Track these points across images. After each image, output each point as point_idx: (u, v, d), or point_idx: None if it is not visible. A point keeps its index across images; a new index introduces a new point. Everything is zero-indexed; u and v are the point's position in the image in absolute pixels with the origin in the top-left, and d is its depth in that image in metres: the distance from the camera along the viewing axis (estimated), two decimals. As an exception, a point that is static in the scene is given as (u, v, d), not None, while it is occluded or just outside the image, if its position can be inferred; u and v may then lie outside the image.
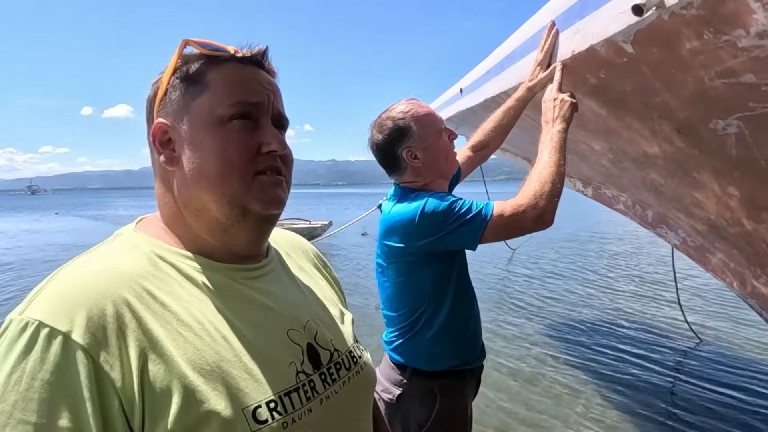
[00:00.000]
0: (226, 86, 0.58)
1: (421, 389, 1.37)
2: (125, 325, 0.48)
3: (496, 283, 7.29)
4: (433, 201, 1.26)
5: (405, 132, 1.36)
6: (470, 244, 1.26)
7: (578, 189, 2.91)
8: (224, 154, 0.56)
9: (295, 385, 0.57)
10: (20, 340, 0.45)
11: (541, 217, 1.19)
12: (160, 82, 0.60)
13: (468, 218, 1.23)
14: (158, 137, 0.59)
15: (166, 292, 0.53)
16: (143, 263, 0.55)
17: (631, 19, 0.95)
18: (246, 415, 0.51)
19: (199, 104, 0.58)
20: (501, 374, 3.81)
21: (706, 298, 5.78)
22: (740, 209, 1.42)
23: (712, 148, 1.23)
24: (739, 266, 1.84)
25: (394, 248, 1.34)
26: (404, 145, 1.37)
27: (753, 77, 0.89)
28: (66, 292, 0.48)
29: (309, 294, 0.71)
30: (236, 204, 0.58)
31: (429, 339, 1.36)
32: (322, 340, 0.64)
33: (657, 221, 2.27)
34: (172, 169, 0.59)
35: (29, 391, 0.43)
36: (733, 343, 4.37)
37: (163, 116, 0.59)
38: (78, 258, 0.55)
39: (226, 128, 0.57)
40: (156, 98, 0.60)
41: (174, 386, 0.48)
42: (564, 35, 1.30)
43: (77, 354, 0.45)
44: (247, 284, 0.61)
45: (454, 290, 1.37)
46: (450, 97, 2.92)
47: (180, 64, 0.60)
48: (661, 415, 3.15)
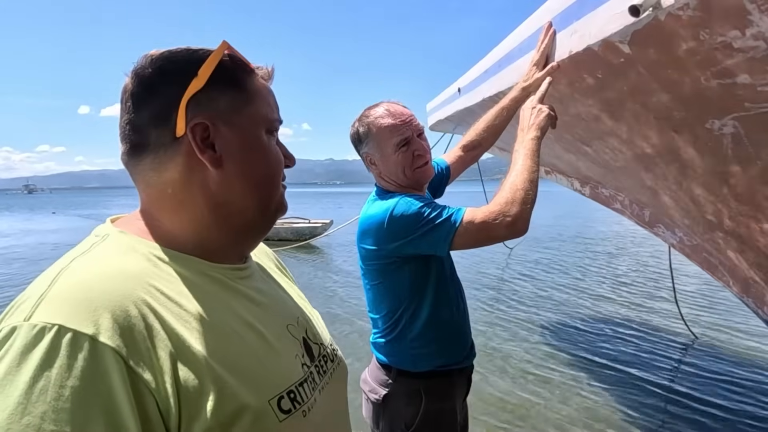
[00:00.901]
0: (263, 100, 0.63)
1: (406, 389, 1.37)
2: (150, 326, 0.48)
3: (493, 282, 7.30)
4: (402, 205, 1.25)
5: (363, 138, 1.39)
6: (440, 249, 1.25)
7: (576, 188, 2.92)
8: (272, 163, 0.63)
9: (303, 376, 0.60)
10: (39, 346, 0.41)
11: (513, 224, 1.17)
12: (194, 75, 0.57)
13: (437, 223, 1.22)
14: (199, 135, 0.57)
15: (176, 291, 0.53)
16: (145, 264, 0.54)
17: (628, 19, 0.96)
18: (273, 406, 0.53)
19: (250, 113, 0.61)
20: (496, 373, 3.82)
21: (703, 297, 5.81)
22: (736, 209, 1.43)
23: (708, 148, 1.23)
24: (735, 265, 1.85)
25: (369, 251, 1.34)
26: (363, 150, 1.40)
27: (748, 78, 0.90)
28: (83, 294, 0.46)
29: (290, 292, 0.74)
30: (271, 209, 0.64)
31: (411, 340, 1.36)
32: (312, 335, 0.68)
33: (654, 220, 2.28)
34: (213, 169, 0.58)
35: (59, 401, 0.40)
36: (728, 341, 4.39)
37: (197, 115, 0.57)
38: (75, 259, 0.52)
39: (269, 140, 0.63)
40: (186, 91, 0.56)
41: (207, 384, 0.48)
42: (561, 35, 1.31)
43: (108, 356, 0.43)
44: (241, 283, 0.62)
45: (434, 291, 1.36)
46: (448, 97, 2.93)
47: (222, 66, 0.59)
48: (657, 412, 3.17)
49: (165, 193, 0.58)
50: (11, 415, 0.39)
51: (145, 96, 0.57)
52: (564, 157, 2.37)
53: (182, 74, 0.57)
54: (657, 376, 3.70)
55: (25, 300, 0.47)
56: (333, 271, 8.48)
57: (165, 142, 0.57)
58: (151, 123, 0.57)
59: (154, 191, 0.59)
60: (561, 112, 1.37)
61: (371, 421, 1.45)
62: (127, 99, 0.58)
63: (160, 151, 0.57)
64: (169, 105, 0.56)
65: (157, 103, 0.56)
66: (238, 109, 0.59)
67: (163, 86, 0.57)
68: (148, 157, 0.57)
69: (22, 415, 0.39)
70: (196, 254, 0.59)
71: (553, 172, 3.05)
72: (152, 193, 0.59)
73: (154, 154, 0.57)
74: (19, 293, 0.49)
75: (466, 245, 1.23)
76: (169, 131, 0.56)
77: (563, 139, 2.00)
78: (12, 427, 0.39)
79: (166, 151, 0.57)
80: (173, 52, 0.58)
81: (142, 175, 0.59)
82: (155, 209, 0.60)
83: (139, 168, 0.59)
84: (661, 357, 4.09)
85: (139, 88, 0.57)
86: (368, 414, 1.46)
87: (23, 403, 0.39)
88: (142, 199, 0.61)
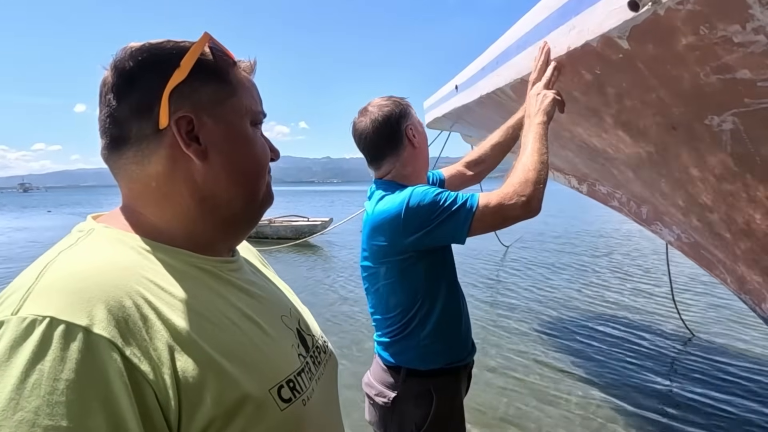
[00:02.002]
0: (246, 92, 0.62)
1: (416, 390, 1.35)
2: (146, 317, 0.47)
3: (489, 280, 7.30)
4: (417, 194, 1.24)
5: (406, 112, 1.39)
6: (459, 237, 1.24)
7: (573, 186, 2.91)
8: (259, 156, 0.62)
9: (300, 365, 0.60)
10: (29, 340, 0.40)
11: (528, 203, 1.18)
12: (176, 67, 0.55)
13: (454, 209, 1.21)
14: (183, 128, 0.56)
15: (169, 283, 0.52)
16: (136, 256, 0.53)
17: (627, 14, 0.95)
18: (273, 395, 0.53)
19: (235, 105, 0.60)
20: (492, 370, 3.82)
21: (700, 294, 5.83)
22: (735, 206, 1.42)
23: (707, 144, 1.23)
24: (733, 263, 1.85)
25: (382, 248, 1.32)
26: (407, 122, 1.39)
27: (748, 73, 0.89)
28: (74, 285, 0.45)
29: (279, 285, 0.74)
30: (258, 200, 0.63)
31: (424, 338, 1.34)
32: (305, 326, 0.69)
33: (652, 218, 2.27)
34: (198, 162, 0.57)
35: (53, 395, 0.39)
36: (726, 339, 4.40)
37: (181, 106, 0.56)
38: (62, 252, 0.50)
39: (254, 132, 0.62)
40: (169, 82, 0.55)
41: (207, 374, 0.48)
42: (559, 31, 1.30)
43: (103, 347, 0.42)
44: (233, 275, 0.62)
45: (447, 286, 1.36)
46: (445, 94, 2.92)
47: (205, 58, 0.58)
48: (654, 410, 3.17)
49: (149, 187, 0.57)
50: (2, 411, 0.38)
51: (125, 88, 0.55)
52: (561, 154, 2.36)
53: (164, 66, 0.55)
54: (654, 374, 3.71)
55: (10, 294, 0.45)
56: (334, 269, 8.47)
57: (147, 134, 0.55)
58: (132, 115, 0.55)
59: (138, 185, 0.58)
60: (559, 109, 1.36)
61: (378, 425, 1.41)
62: (107, 92, 0.56)
63: (142, 143, 0.56)
64: (151, 97, 0.55)
65: (139, 95, 0.55)
66: (221, 100, 0.59)
67: (144, 78, 0.55)
68: (129, 150, 0.56)
69: (14, 410, 0.38)
70: (185, 247, 0.58)
71: (550, 169, 3.04)
72: (135, 188, 0.58)
73: (137, 147, 0.56)
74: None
75: (484, 229, 1.23)
76: (152, 123, 0.55)
77: (561, 136, 1.99)
78: (3, 423, 0.37)
79: (149, 143, 0.56)
80: (154, 44, 0.57)
81: (124, 169, 0.57)
82: (139, 204, 0.58)
83: (121, 162, 0.57)
84: (658, 354, 4.10)
85: (120, 80, 0.55)
86: (374, 418, 1.42)
87: (15, 399, 0.38)
88: (125, 194, 0.59)
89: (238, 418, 0.49)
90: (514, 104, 1.76)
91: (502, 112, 1.78)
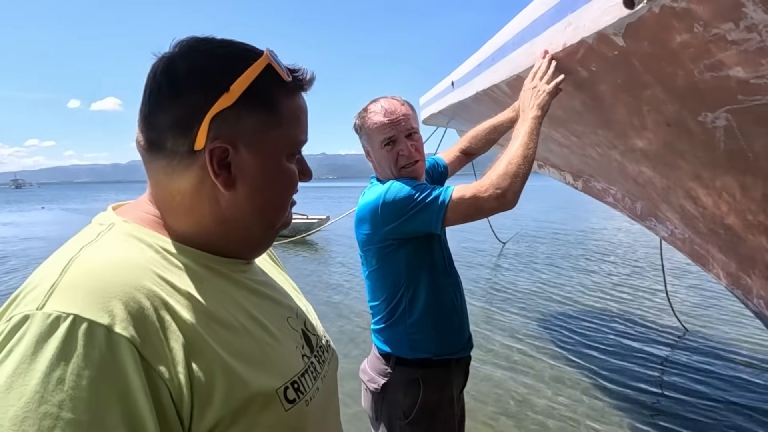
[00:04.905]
0: (292, 122, 0.59)
1: (404, 378, 1.38)
2: (162, 318, 0.48)
3: (486, 276, 7.34)
4: (394, 188, 1.31)
5: (358, 131, 1.46)
6: (433, 225, 1.30)
7: (569, 182, 2.92)
8: (285, 192, 0.62)
9: (304, 367, 0.62)
10: (55, 335, 0.41)
11: (503, 196, 1.21)
12: (225, 90, 0.53)
13: (428, 202, 1.28)
14: (217, 156, 0.54)
15: (184, 283, 0.53)
16: (152, 255, 0.53)
17: (623, 12, 0.95)
18: (279, 396, 0.55)
19: (276, 137, 0.58)
20: (489, 365, 3.84)
21: (693, 289, 5.88)
22: (728, 202, 1.44)
23: (700, 141, 1.24)
24: (726, 258, 1.87)
25: (366, 236, 1.40)
26: (362, 135, 1.45)
27: (742, 70, 0.90)
28: (95, 283, 0.46)
29: (286, 285, 0.75)
30: (275, 228, 0.64)
31: (411, 325, 1.38)
32: (310, 327, 0.70)
33: (646, 214, 2.29)
34: (225, 191, 0.56)
35: (77, 390, 0.40)
36: (718, 333, 4.45)
37: (220, 134, 0.54)
38: (84, 248, 0.51)
39: (287, 165, 0.61)
40: (214, 106, 0.53)
41: (218, 374, 0.49)
42: (556, 28, 1.31)
43: (123, 346, 0.43)
44: (244, 276, 0.63)
45: (430, 274, 1.40)
46: (441, 90, 2.92)
47: (257, 85, 0.55)
48: (647, 405, 3.21)
49: (173, 199, 0.57)
50: (28, 402, 0.39)
51: (171, 98, 0.54)
52: (557, 150, 2.37)
53: (214, 85, 0.53)
54: (647, 368, 3.75)
55: (33, 288, 0.46)
56: (331, 264, 8.48)
57: (181, 151, 0.54)
58: (170, 128, 0.54)
59: (163, 193, 0.58)
60: (554, 106, 1.37)
61: (371, 410, 1.46)
62: (154, 90, 0.55)
63: (174, 158, 0.55)
64: (192, 116, 0.53)
65: (182, 110, 0.53)
66: (264, 131, 0.57)
67: (191, 93, 0.53)
68: (162, 160, 0.56)
69: (39, 403, 0.39)
70: (201, 249, 0.59)
71: (545, 165, 3.05)
72: (160, 195, 0.58)
73: (169, 159, 0.55)
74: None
75: (458, 219, 1.28)
76: (188, 142, 0.54)
77: (556, 132, 2.00)
78: (29, 415, 0.39)
79: (181, 160, 0.55)
80: (212, 50, 0.55)
81: (154, 173, 0.57)
82: (161, 208, 0.59)
83: (152, 166, 0.57)
84: (652, 349, 4.14)
85: (167, 87, 0.54)
86: (367, 404, 1.47)
87: (40, 392, 0.40)
88: (150, 192, 0.59)
89: (244, 417, 0.50)
90: (510, 101, 1.77)
91: (499, 109, 1.78)
